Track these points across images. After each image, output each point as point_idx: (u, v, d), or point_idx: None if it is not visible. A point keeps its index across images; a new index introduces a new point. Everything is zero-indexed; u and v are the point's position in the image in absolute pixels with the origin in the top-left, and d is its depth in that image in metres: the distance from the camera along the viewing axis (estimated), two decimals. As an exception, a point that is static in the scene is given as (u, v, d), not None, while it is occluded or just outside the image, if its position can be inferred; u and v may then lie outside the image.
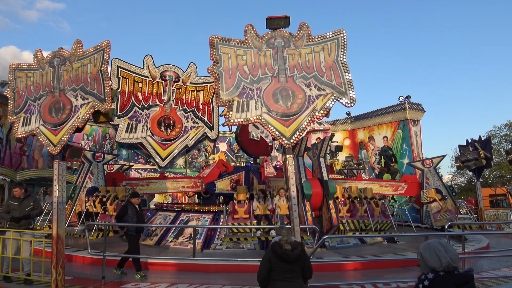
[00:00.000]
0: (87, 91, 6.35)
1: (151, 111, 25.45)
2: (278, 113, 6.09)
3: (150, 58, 25.95)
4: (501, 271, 7.49)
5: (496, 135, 33.89)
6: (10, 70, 7.02)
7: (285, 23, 6.53)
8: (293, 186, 6.00)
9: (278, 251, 3.72)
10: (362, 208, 11.98)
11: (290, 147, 6.04)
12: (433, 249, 2.51)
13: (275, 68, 6.34)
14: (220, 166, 15.65)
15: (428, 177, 15.47)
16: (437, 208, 12.91)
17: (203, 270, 8.00)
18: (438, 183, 15.11)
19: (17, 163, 20.18)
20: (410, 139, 22.33)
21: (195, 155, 27.30)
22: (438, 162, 15.76)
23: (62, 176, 6.23)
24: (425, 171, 15.61)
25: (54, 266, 5.91)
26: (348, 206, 12.08)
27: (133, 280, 7.11)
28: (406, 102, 22.91)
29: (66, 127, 6.33)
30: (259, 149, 16.44)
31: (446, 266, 2.45)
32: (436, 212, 12.79)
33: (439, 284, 2.44)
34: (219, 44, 6.37)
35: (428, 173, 15.45)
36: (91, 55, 6.45)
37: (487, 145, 17.19)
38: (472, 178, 34.85)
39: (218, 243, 10.31)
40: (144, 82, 25.54)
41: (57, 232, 6.01)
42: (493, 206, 25.66)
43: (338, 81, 6.28)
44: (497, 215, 18.83)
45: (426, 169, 15.62)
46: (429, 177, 15.46)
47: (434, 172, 15.49)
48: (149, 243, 11.18)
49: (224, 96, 6.16)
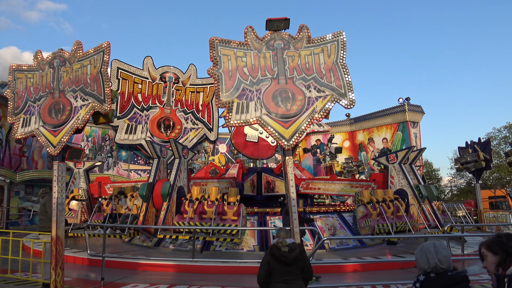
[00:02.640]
0: (87, 92, 6.35)
1: (150, 113, 25.45)
2: (278, 115, 6.10)
3: (150, 60, 25.97)
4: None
5: (496, 137, 33.91)
6: (10, 71, 7.02)
7: (285, 25, 6.55)
8: (293, 188, 6.01)
9: (276, 253, 3.72)
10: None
11: (289, 149, 6.04)
12: (424, 251, 2.54)
13: (275, 69, 6.35)
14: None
15: (393, 175, 12.91)
16: (362, 213, 10.88)
17: (203, 271, 8.00)
18: (403, 182, 12.63)
19: (17, 164, 20.17)
20: (409, 141, 22.37)
21: (194, 157, 27.29)
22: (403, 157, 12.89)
23: (61, 177, 6.23)
24: (390, 168, 13.03)
25: (54, 267, 5.90)
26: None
27: (132, 281, 7.10)
28: (405, 104, 22.96)
29: (65, 128, 6.33)
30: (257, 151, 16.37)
31: (434, 267, 2.46)
32: (362, 218, 10.79)
33: (428, 286, 2.45)
34: (219, 45, 6.38)
35: (392, 170, 12.80)
36: (91, 56, 6.45)
37: (486, 147, 17.22)
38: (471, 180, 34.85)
39: (218, 244, 10.30)
40: (144, 83, 25.56)
41: (56, 233, 6.01)
42: (493, 208, 25.66)
43: (337, 83, 6.29)
44: (496, 217, 18.84)
45: (390, 165, 13.05)
46: (393, 175, 12.90)
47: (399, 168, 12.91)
48: (148, 244, 11.17)
49: (224, 98, 6.17)
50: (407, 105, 22.84)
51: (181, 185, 11.56)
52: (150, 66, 25.86)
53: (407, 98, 23.09)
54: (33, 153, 21.77)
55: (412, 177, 12.74)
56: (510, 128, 33.16)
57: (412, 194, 11.91)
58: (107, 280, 6.94)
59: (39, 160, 22.26)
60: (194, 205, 10.08)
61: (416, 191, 11.85)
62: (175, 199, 11.09)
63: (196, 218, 10.00)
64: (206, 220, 9.96)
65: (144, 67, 25.67)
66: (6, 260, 7.05)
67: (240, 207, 10.20)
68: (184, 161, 11.99)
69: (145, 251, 10.24)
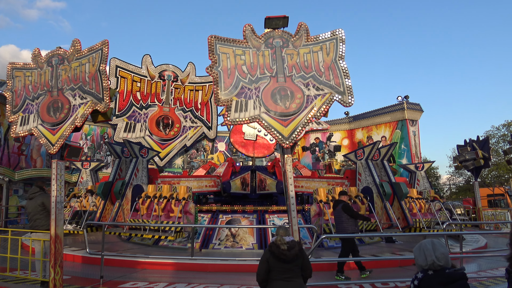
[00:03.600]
0: (86, 91, 6.34)
1: (149, 111, 25.43)
2: (277, 113, 6.09)
3: (148, 58, 25.92)
4: (499, 270, 7.51)
5: (494, 135, 33.96)
6: (8, 70, 7.00)
7: (284, 23, 6.54)
8: (292, 186, 6.01)
9: (275, 251, 3.73)
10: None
11: (288, 147, 6.04)
12: (422, 248, 2.55)
13: (274, 68, 6.35)
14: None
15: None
16: (314, 211, 10.51)
17: (202, 269, 8.01)
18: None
19: (15, 163, 20.14)
20: (408, 139, 22.39)
21: (193, 155, 27.31)
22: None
23: (60, 176, 6.22)
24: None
25: (53, 266, 5.91)
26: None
27: (131, 279, 7.11)
28: (404, 102, 22.97)
29: (64, 126, 6.32)
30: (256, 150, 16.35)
31: (431, 264, 2.46)
32: (314, 216, 10.51)
33: (426, 283, 2.46)
34: (217, 43, 6.36)
35: (360, 166, 12.28)
36: (89, 54, 6.44)
37: (485, 145, 17.24)
38: (470, 178, 34.92)
39: (217, 242, 10.32)
40: (142, 81, 25.52)
41: (55, 232, 6.01)
42: (491, 206, 25.71)
43: (336, 81, 6.29)
44: (495, 215, 18.88)
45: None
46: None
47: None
48: (147, 242, 11.17)
49: (223, 96, 6.16)
50: (406, 103, 22.85)
51: (138, 183, 11.83)
52: (148, 65, 25.81)
53: (406, 96, 23.10)
54: (31, 151, 21.74)
55: (383, 174, 12.30)
56: (508, 126, 33.20)
57: (376, 192, 11.42)
58: (106, 278, 6.95)
59: (38, 158, 22.23)
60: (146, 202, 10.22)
61: (381, 189, 11.42)
62: (130, 197, 11.36)
63: (145, 215, 10.15)
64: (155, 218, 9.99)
65: (142, 66, 25.62)
66: (5, 259, 7.05)
67: (187, 205, 10.06)
68: (142, 160, 12.33)
69: (144, 249, 10.26)
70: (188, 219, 9.89)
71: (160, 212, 9.90)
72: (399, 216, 11.00)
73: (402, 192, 11.14)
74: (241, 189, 14.16)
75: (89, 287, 6.54)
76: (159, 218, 9.85)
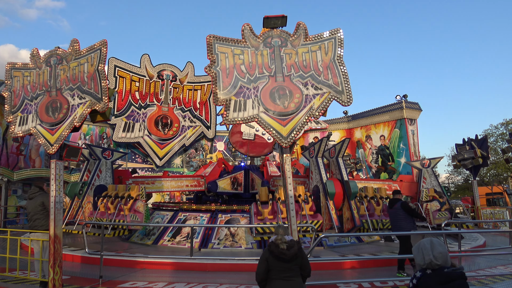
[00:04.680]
0: (84, 91, 6.34)
1: (148, 110, 25.43)
2: (275, 112, 6.10)
3: (147, 57, 25.90)
4: (497, 269, 7.54)
5: (493, 134, 33.99)
6: (7, 70, 6.99)
7: (282, 22, 6.55)
8: (290, 185, 6.02)
9: (275, 250, 3.74)
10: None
11: (287, 146, 6.05)
12: (421, 247, 2.55)
13: (272, 67, 6.35)
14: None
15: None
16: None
17: (201, 269, 8.01)
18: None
19: (14, 163, 20.10)
20: (407, 138, 22.40)
21: (192, 154, 27.28)
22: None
23: (59, 176, 6.22)
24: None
25: (52, 266, 5.91)
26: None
27: (130, 279, 7.11)
28: (403, 101, 22.97)
29: (63, 126, 6.32)
30: (255, 149, 16.37)
31: (429, 263, 2.47)
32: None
33: (424, 282, 2.46)
34: (216, 43, 6.37)
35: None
36: (88, 54, 6.44)
37: (483, 143, 17.26)
38: (468, 177, 35.01)
39: (216, 242, 10.32)
40: (141, 81, 25.51)
41: (54, 232, 6.01)
42: (490, 205, 25.78)
43: (335, 80, 6.30)
44: (493, 214, 18.91)
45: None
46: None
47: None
48: (146, 242, 11.18)
49: (221, 95, 6.17)
50: (405, 102, 22.86)
51: (102, 183, 12.55)
52: (147, 64, 25.81)
53: (405, 95, 23.10)
54: (30, 151, 21.69)
55: (336, 171, 12.01)
56: (507, 125, 33.23)
57: (322, 191, 11.11)
58: (105, 278, 6.95)
59: (37, 158, 22.19)
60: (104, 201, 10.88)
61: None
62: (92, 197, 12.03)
63: (98, 214, 10.92)
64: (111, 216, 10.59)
65: (141, 65, 25.61)
66: (4, 259, 7.04)
67: (135, 203, 10.52)
68: (104, 162, 12.94)
69: (143, 249, 10.25)
70: (136, 217, 10.48)
71: (113, 210, 10.60)
72: (349, 217, 11.02)
73: (351, 191, 11.02)
74: (231, 189, 14.22)
75: (88, 287, 6.54)
76: (112, 216, 10.46)
